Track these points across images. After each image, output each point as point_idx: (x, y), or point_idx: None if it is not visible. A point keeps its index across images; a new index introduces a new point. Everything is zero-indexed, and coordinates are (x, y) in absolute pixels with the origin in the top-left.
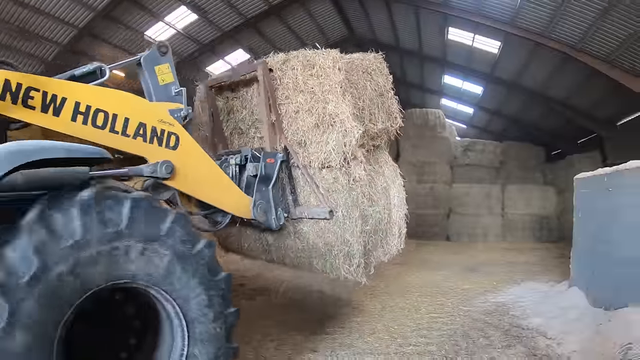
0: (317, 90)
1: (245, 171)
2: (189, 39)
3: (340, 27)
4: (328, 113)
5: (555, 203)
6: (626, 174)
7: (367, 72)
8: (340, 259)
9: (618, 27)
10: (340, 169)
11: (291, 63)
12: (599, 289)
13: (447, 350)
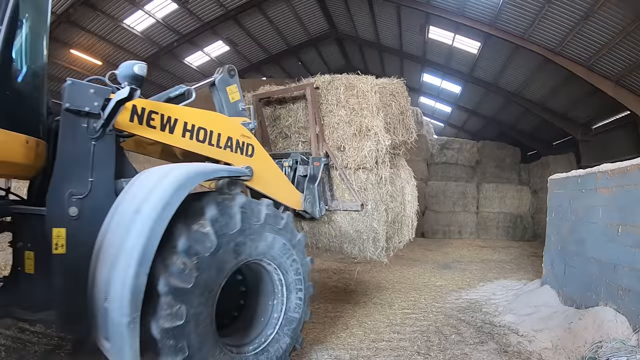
0: (356, 107)
1: (297, 172)
2: (168, 28)
3: (322, 22)
4: (365, 126)
5: (529, 202)
6: (599, 177)
7: (392, 94)
8: (369, 243)
9: (597, 33)
10: (371, 170)
11: (335, 84)
12: (571, 288)
13: (420, 346)
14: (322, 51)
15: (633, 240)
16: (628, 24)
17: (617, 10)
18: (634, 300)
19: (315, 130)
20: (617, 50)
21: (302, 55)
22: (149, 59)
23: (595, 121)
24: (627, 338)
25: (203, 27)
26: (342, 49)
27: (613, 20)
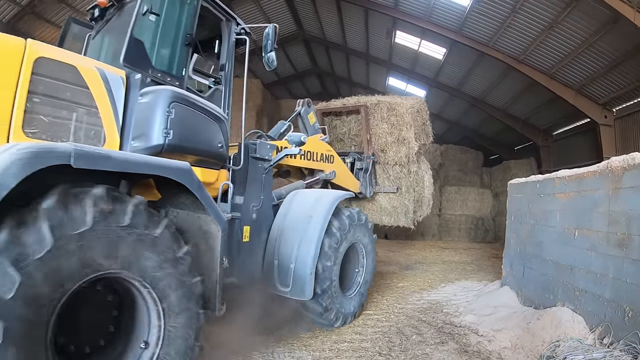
0: (395, 123)
1: (355, 166)
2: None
3: (290, 23)
4: (401, 136)
5: (491, 205)
6: (557, 182)
7: (418, 112)
8: (402, 215)
9: (560, 43)
10: (404, 165)
11: (380, 105)
12: (529, 289)
13: (381, 347)
14: (289, 52)
15: (589, 244)
16: (591, 35)
17: (581, 21)
18: (590, 300)
19: (367, 137)
20: (579, 60)
21: None
22: None
23: (556, 128)
24: (584, 337)
25: None
26: (309, 51)
27: (576, 32)
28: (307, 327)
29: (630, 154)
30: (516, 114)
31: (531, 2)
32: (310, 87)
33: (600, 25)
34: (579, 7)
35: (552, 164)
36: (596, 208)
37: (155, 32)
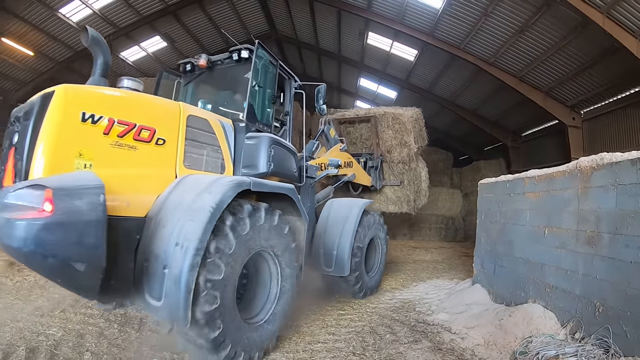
0: (398, 129)
1: (367, 164)
2: (104, 20)
3: (263, 23)
4: (404, 140)
5: (461, 205)
6: (527, 182)
7: (416, 120)
8: (405, 204)
9: (531, 46)
10: (406, 163)
11: (386, 115)
12: (501, 286)
13: (355, 346)
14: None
15: (559, 242)
16: (560, 39)
17: (551, 26)
18: (560, 297)
19: (376, 141)
20: (549, 64)
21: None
22: (83, 51)
23: (525, 129)
24: (556, 332)
25: (141, 20)
26: (281, 51)
27: (546, 35)
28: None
29: (599, 154)
30: (486, 115)
31: (503, 6)
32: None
33: (569, 30)
34: (550, 12)
35: (521, 164)
36: (566, 207)
37: (258, 97)
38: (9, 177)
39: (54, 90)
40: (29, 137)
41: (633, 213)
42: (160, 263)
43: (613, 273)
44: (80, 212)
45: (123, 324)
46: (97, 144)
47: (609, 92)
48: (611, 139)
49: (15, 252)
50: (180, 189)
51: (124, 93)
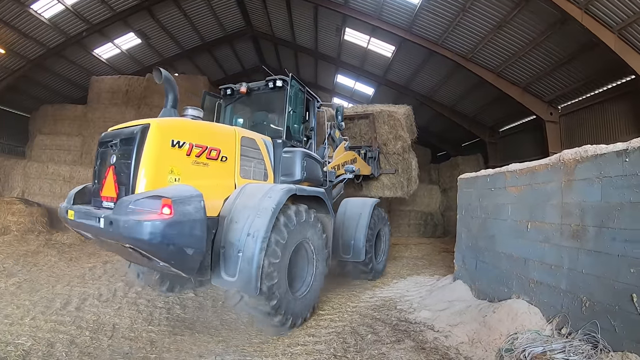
0: (393, 124)
1: (366, 155)
2: (77, 17)
3: (238, 19)
4: (398, 134)
5: (439, 200)
6: (508, 176)
7: (407, 116)
8: (399, 189)
9: (508, 42)
10: (400, 154)
11: (383, 113)
12: (483, 282)
13: (336, 348)
14: (237, 48)
15: (542, 236)
16: (538, 35)
17: (530, 21)
18: (545, 292)
19: (374, 135)
20: (527, 59)
21: (216, 52)
22: (56, 48)
23: (503, 124)
24: (542, 328)
25: (115, 17)
26: (257, 47)
27: (524, 31)
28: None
29: (583, 147)
30: (464, 111)
31: (481, 2)
32: None
33: (548, 26)
34: (528, 8)
35: (499, 159)
36: (549, 200)
37: (292, 119)
38: (111, 190)
39: (149, 123)
40: (133, 159)
41: (619, 205)
42: (235, 249)
43: (600, 267)
44: (190, 214)
45: (95, 330)
46: (182, 163)
47: (587, 87)
48: (588, 134)
49: (145, 243)
50: (245, 194)
51: (197, 123)
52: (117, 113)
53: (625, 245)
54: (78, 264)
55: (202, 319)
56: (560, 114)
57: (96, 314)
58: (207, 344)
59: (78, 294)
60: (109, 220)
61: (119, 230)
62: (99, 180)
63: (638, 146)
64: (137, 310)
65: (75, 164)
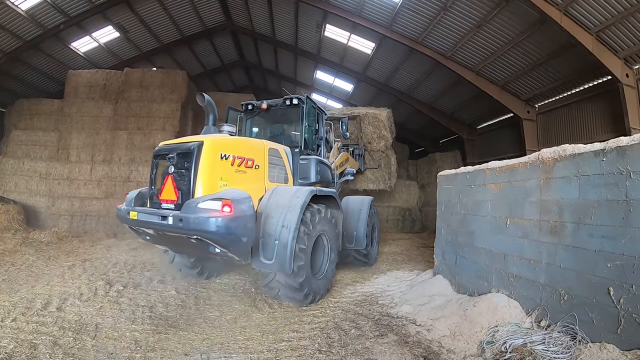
0: (377, 125)
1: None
2: (55, 8)
3: (219, 14)
4: (381, 134)
5: (417, 196)
6: (487, 173)
7: (388, 118)
8: (381, 182)
9: (488, 41)
10: (382, 151)
11: (368, 115)
12: (463, 277)
13: (321, 343)
14: (216, 43)
15: (521, 232)
16: (517, 35)
17: (509, 22)
18: (524, 286)
19: (360, 135)
20: (505, 58)
21: (195, 47)
22: (33, 41)
23: (481, 122)
24: (522, 321)
25: (93, 9)
26: (237, 42)
27: (504, 31)
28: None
29: (561, 146)
30: (442, 108)
31: (462, 1)
32: (237, 80)
33: (527, 26)
34: (508, 8)
35: (477, 156)
36: (528, 197)
37: (307, 131)
38: (170, 194)
39: (202, 140)
40: (192, 169)
41: (596, 203)
42: (272, 238)
43: (577, 262)
44: (244, 211)
45: (77, 331)
46: (228, 171)
47: (564, 86)
48: (565, 132)
49: (212, 234)
50: (277, 195)
51: (237, 139)
52: (95, 107)
53: (602, 241)
54: (57, 263)
55: (186, 317)
56: (538, 112)
57: (78, 313)
58: (191, 341)
59: (58, 294)
60: (178, 218)
61: (189, 225)
62: (157, 186)
63: (615, 146)
64: (120, 310)
65: (52, 160)
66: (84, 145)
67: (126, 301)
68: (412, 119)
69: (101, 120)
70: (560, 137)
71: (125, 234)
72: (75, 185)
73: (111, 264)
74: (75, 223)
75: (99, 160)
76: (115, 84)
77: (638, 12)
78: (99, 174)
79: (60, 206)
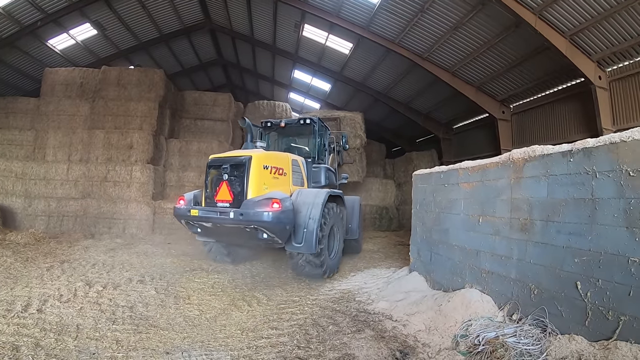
0: (353, 126)
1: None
2: (32, 5)
3: (197, 11)
4: (357, 133)
5: (394, 195)
6: (461, 172)
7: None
8: (355, 174)
9: (464, 43)
10: (358, 149)
11: (347, 117)
12: (438, 273)
13: (299, 339)
14: (194, 42)
15: (493, 229)
16: (493, 37)
17: (485, 24)
18: (497, 281)
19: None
20: (481, 60)
21: (173, 45)
22: (9, 39)
23: (457, 121)
24: (494, 315)
25: (71, 6)
26: (215, 41)
27: (480, 33)
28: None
29: (531, 147)
30: (419, 108)
31: (439, 3)
32: (215, 78)
33: (502, 29)
34: (484, 11)
35: (452, 155)
36: (499, 196)
37: (319, 146)
38: (226, 195)
39: (251, 155)
40: (245, 177)
41: (564, 201)
42: (302, 227)
43: (546, 257)
44: (287, 206)
45: (59, 332)
46: (268, 178)
47: (538, 87)
48: (539, 131)
49: (267, 223)
50: (302, 195)
51: (272, 153)
52: (71, 106)
53: (569, 238)
54: (35, 264)
55: (166, 316)
56: (512, 113)
57: (58, 315)
58: (172, 340)
59: (38, 295)
60: (239, 213)
61: (249, 218)
62: (213, 189)
63: (582, 147)
64: (100, 310)
65: (28, 159)
66: (61, 144)
67: (106, 302)
68: (389, 119)
69: (78, 119)
70: (534, 137)
71: (102, 234)
72: (52, 185)
73: (90, 264)
74: (52, 224)
75: (76, 159)
76: (93, 82)
77: (611, 16)
78: (75, 174)
79: (37, 207)
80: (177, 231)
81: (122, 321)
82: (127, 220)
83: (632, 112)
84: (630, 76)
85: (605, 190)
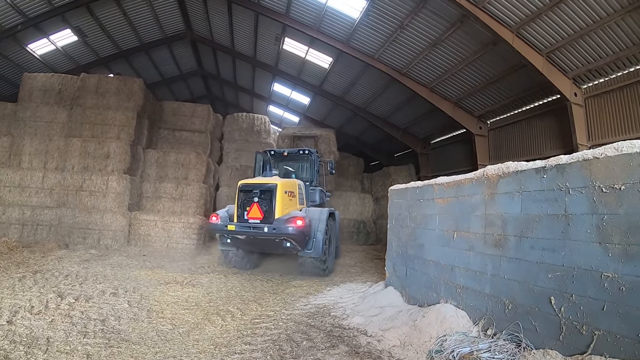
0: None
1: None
2: (13, 9)
3: (179, 22)
4: (331, 149)
5: (372, 209)
6: (436, 188)
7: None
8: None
9: (442, 59)
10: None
11: (323, 136)
12: (413, 288)
13: (273, 355)
14: (175, 52)
15: (467, 245)
16: (471, 54)
17: (463, 41)
18: (471, 296)
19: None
20: (459, 76)
21: (153, 54)
22: None
23: (434, 137)
24: (469, 330)
25: (52, 11)
26: (196, 52)
27: (458, 50)
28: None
29: (505, 163)
30: (397, 123)
31: (419, 20)
32: (195, 89)
33: (481, 46)
34: (463, 28)
35: (430, 170)
36: (473, 212)
37: (312, 172)
38: (256, 214)
39: (276, 183)
40: (274, 200)
41: (537, 217)
42: (312, 237)
43: (520, 273)
44: (307, 223)
45: (29, 345)
46: (287, 200)
47: (515, 104)
48: (515, 147)
49: (294, 234)
50: (310, 213)
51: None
52: (49, 113)
53: (543, 253)
54: (7, 274)
55: (138, 330)
56: (489, 128)
57: (29, 327)
58: (144, 355)
59: (9, 307)
60: (272, 227)
61: (281, 231)
62: (244, 208)
63: (555, 164)
64: (71, 323)
65: (3, 166)
66: (37, 151)
67: (78, 314)
68: (367, 133)
69: (55, 126)
70: (511, 152)
71: (77, 244)
72: (27, 193)
73: (62, 275)
74: (26, 232)
75: (52, 167)
76: (71, 89)
77: (587, 34)
78: (51, 182)
79: (11, 215)
80: (153, 243)
81: (94, 335)
82: (102, 230)
83: (606, 128)
84: (605, 93)
85: (578, 206)
